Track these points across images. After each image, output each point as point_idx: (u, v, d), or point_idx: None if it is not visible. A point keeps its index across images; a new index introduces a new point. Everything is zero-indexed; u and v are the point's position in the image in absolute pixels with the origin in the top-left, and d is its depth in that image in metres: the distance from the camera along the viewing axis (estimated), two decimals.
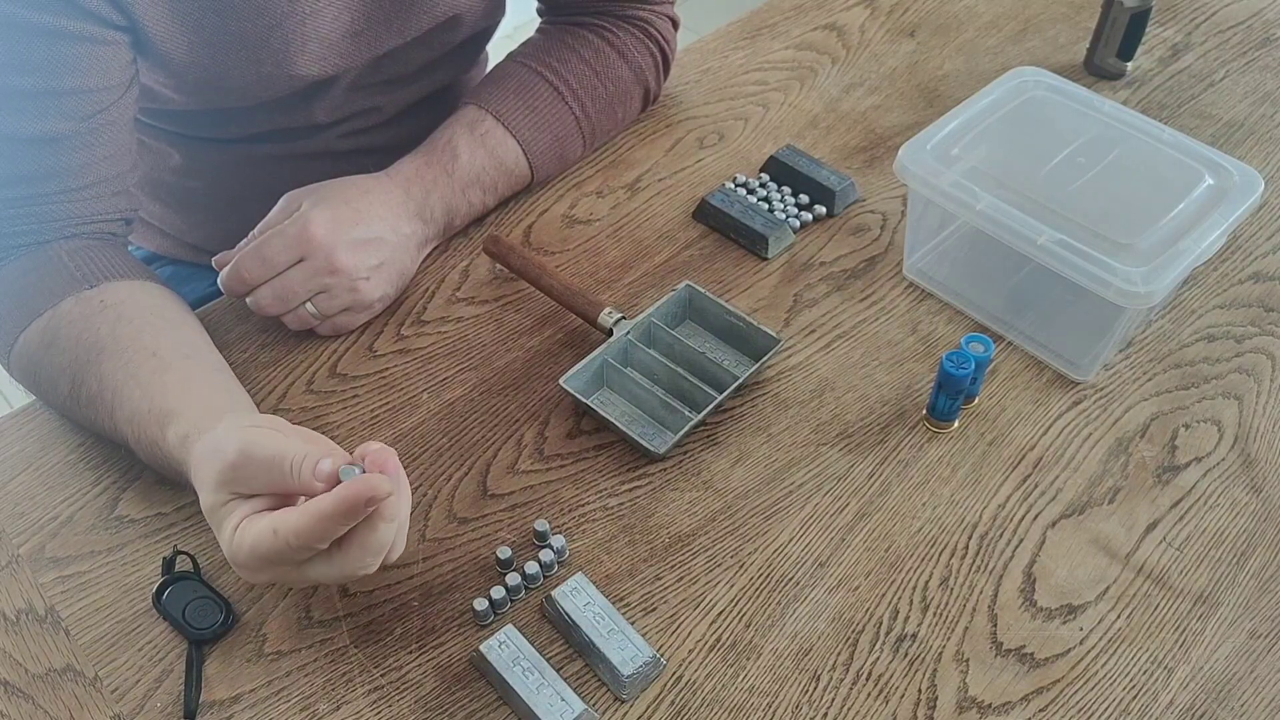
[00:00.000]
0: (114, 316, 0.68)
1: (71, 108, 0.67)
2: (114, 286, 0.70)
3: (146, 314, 0.69)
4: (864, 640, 0.61)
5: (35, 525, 0.67)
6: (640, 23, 0.89)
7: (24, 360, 0.69)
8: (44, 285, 0.69)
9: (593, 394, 0.73)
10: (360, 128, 0.91)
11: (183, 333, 0.70)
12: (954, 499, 0.68)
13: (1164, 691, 0.59)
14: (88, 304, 0.68)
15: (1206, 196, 0.71)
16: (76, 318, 0.68)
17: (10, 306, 0.69)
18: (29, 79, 0.65)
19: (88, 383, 0.66)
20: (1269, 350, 0.76)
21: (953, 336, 0.77)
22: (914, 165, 0.73)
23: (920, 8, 1.07)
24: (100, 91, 0.68)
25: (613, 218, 0.86)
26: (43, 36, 0.64)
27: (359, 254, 0.73)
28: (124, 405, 0.64)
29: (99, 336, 0.67)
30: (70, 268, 0.70)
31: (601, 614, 0.60)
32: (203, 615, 0.61)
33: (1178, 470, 0.69)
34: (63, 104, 0.67)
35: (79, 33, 0.65)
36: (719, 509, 0.67)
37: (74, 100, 0.67)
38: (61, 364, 0.67)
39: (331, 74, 0.81)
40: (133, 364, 0.65)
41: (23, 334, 0.68)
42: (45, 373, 0.68)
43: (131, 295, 0.70)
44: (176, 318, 0.71)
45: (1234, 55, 1.01)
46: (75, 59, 0.66)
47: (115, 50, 0.68)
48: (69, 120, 0.67)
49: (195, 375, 0.67)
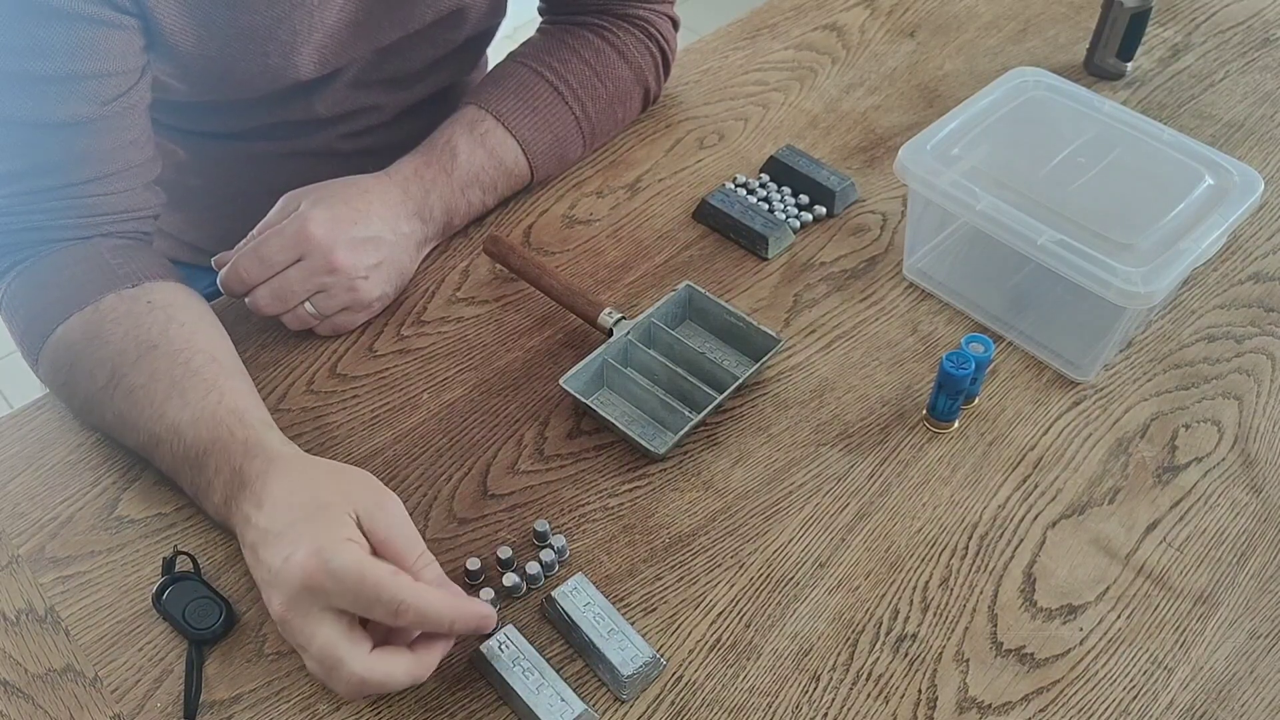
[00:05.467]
0: (164, 317, 0.68)
1: (93, 91, 0.67)
2: (156, 287, 0.70)
3: (195, 318, 0.70)
4: (864, 640, 0.61)
5: (35, 525, 0.67)
6: (640, 22, 0.89)
7: (61, 350, 0.69)
8: (87, 279, 0.69)
9: (593, 394, 0.73)
10: (362, 128, 0.91)
11: (228, 342, 0.71)
12: (954, 499, 0.68)
13: (1164, 692, 0.59)
14: (133, 302, 0.68)
15: (1206, 197, 0.71)
16: (123, 314, 0.68)
17: (52, 297, 0.69)
18: (49, 64, 0.65)
19: (132, 376, 0.65)
20: (1269, 350, 0.76)
21: (953, 336, 0.77)
22: (914, 165, 0.73)
23: (920, 8, 1.07)
24: (119, 75, 0.68)
25: (613, 218, 0.86)
26: (60, 20, 0.64)
27: (357, 253, 0.73)
28: (183, 400, 0.64)
29: (150, 334, 0.67)
30: (113, 265, 0.70)
31: (601, 614, 0.60)
32: (203, 615, 0.61)
33: (1178, 470, 0.69)
34: (84, 88, 0.67)
35: (95, 16, 0.65)
36: (719, 509, 0.67)
37: (95, 84, 0.67)
38: (103, 356, 0.67)
39: (335, 67, 0.81)
40: (193, 363, 0.66)
41: (62, 325, 0.68)
42: (83, 364, 0.68)
43: (176, 298, 0.70)
44: (219, 325, 0.72)
45: (1234, 55, 1.01)
46: (93, 42, 0.66)
47: (129, 35, 0.68)
48: (91, 104, 0.67)
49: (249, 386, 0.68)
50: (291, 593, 0.54)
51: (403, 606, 0.53)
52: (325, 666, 0.54)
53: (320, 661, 0.54)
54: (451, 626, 0.55)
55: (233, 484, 0.60)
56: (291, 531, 0.56)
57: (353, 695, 0.56)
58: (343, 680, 0.54)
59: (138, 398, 0.65)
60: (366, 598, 0.53)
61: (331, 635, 0.54)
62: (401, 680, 0.54)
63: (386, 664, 0.54)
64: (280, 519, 0.57)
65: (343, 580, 0.53)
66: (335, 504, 0.57)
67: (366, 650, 0.54)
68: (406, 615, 0.53)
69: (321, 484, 0.58)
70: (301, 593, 0.54)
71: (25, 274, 0.70)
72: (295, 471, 0.60)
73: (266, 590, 0.56)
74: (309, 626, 0.54)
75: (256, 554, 0.57)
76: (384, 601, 0.53)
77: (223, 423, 0.62)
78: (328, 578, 0.53)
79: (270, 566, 0.55)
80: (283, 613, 0.55)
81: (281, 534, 0.56)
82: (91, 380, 0.67)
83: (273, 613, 0.56)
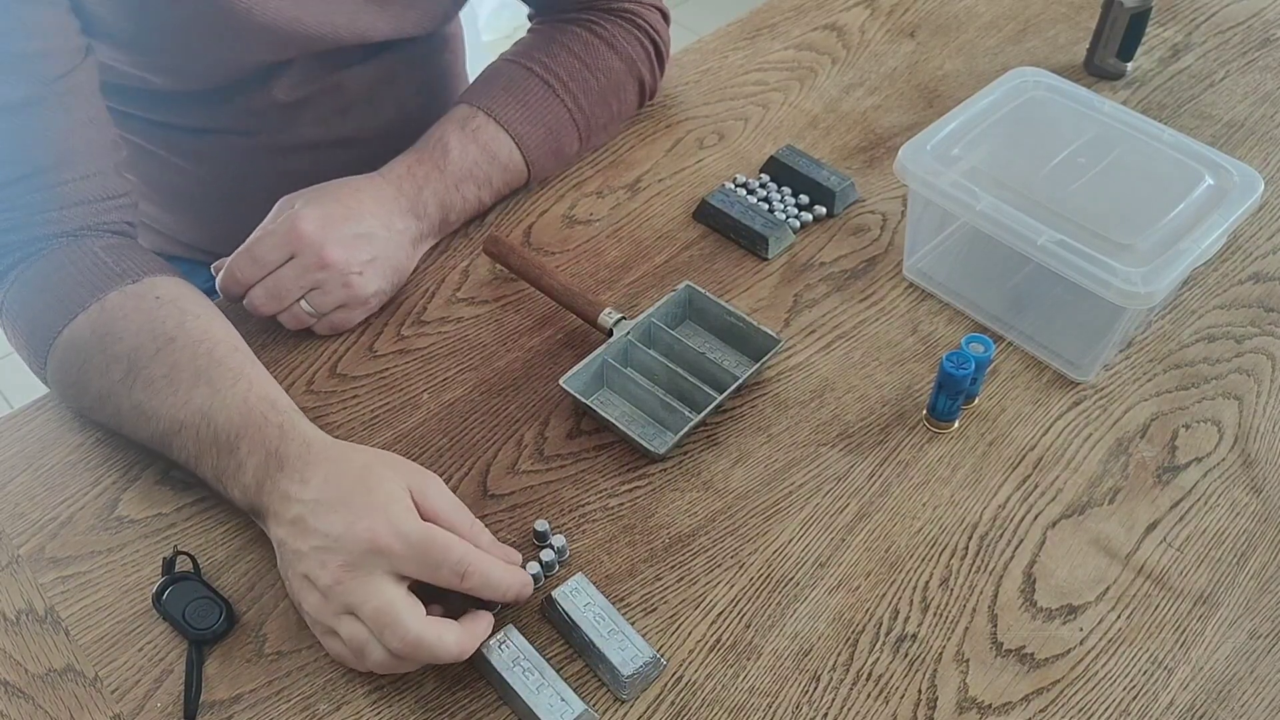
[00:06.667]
0: (177, 310, 0.68)
1: (39, 71, 0.67)
2: (159, 282, 0.70)
3: (206, 310, 0.70)
4: (864, 640, 0.61)
5: (35, 525, 0.67)
6: (627, 15, 0.90)
7: (70, 352, 0.68)
8: (86, 280, 0.69)
9: (593, 394, 0.73)
10: (330, 112, 0.91)
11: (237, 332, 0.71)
12: (954, 499, 0.68)
13: (1164, 692, 0.59)
14: (140, 298, 0.69)
15: (1206, 197, 0.71)
16: (131, 310, 0.68)
17: (52, 301, 0.69)
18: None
19: (152, 368, 0.65)
20: (1269, 350, 0.76)
21: (953, 336, 0.77)
22: (914, 165, 0.73)
23: (920, 8, 1.07)
24: (63, 54, 0.68)
25: (613, 218, 0.86)
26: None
27: (350, 249, 0.73)
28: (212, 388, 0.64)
29: (165, 327, 0.67)
30: (109, 263, 0.70)
31: (602, 614, 0.60)
32: (203, 615, 0.61)
33: (1178, 470, 0.69)
34: (30, 67, 0.67)
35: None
36: (719, 509, 0.67)
37: (40, 63, 0.67)
38: (118, 351, 0.67)
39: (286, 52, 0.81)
40: (216, 353, 0.66)
41: (68, 327, 0.68)
42: (96, 361, 0.67)
43: (181, 291, 0.71)
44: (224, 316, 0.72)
45: (1234, 55, 1.01)
46: (32, 20, 0.66)
47: (61, 15, 0.68)
48: (39, 84, 0.67)
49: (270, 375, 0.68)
50: (356, 555, 0.55)
51: (471, 569, 0.56)
52: (378, 626, 0.55)
53: (374, 621, 0.55)
54: (508, 593, 0.58)
55: (268, 465, 0.61)
56: (352, 500, 0.57)
57: (395, 661, 0.56)
58: (397, 639, 0.55)
59: (159, 388, 0.65)
60: (435, 560, 0.56)
61: (393, 596, 0.55)
62: (450, 647, 0.56)
63: (439, 628, 0.56)
64: (333, 491, 0.58)
65: (413, 543, 0.55)
66: (388, 478, 0.59)
67: (423, 613, 0.56)
68: (472, 579, 0.56)
69: (369, 461, 0.60)
70: (368, 555, 0.55)
71: (20, 280, 0.70)
72: (336, 451, 0.61)
73: (320, 556, 0.57)
74: (369, 587, 0.55)
75: (304, 524, 0.58)
76: (451, 563, 0.56)
77: (255, 409, 0.63)
78: (397, 539, 0.55)
79: (328, 533, 0.57)
80: (341, 575, 0.56)
81: (338, 503, 0.57)
82: (106, 376, 0.67)
83: (324, 579, 0.56)
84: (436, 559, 0.56)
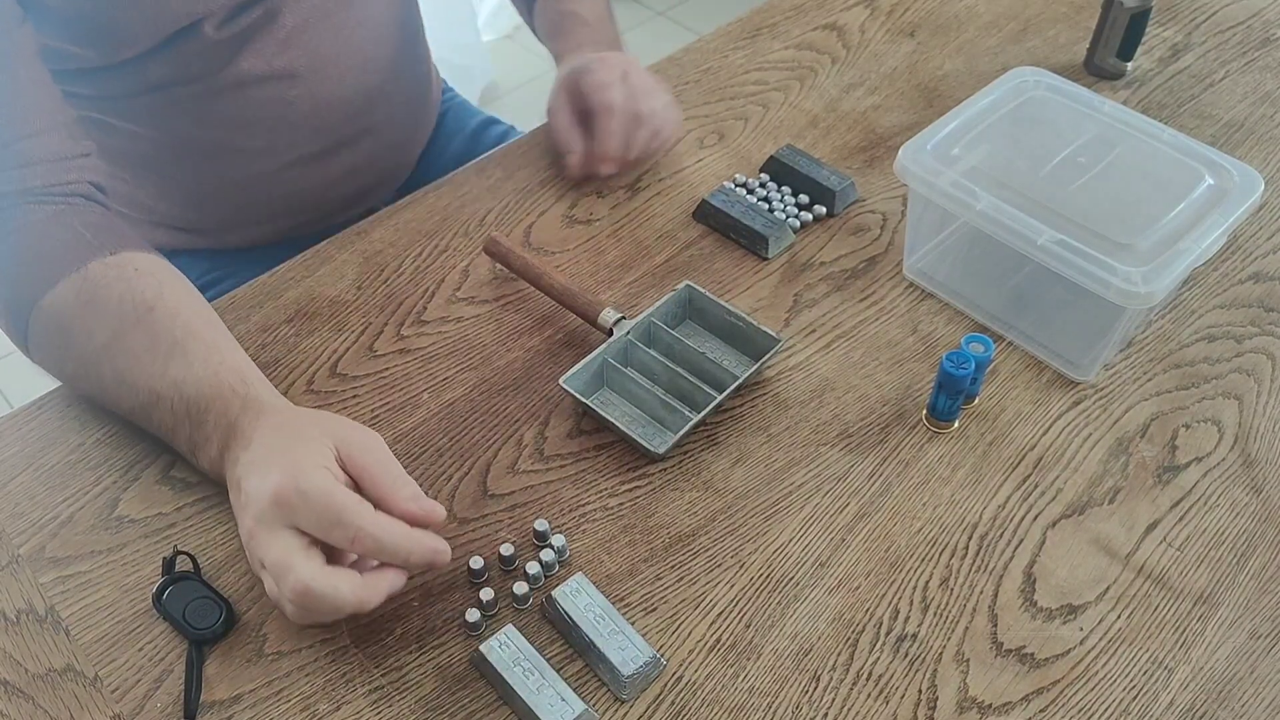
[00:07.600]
0: (156, 282, 0.69)
1: None
2: (136, 256, 0.71)
3: (181, 285, 0.71)
4: (864, 640, 0.61)
5: (35, 525, 0.67)
6: None
7: (52, 316, 0.69)
8: (66, 250, 0.70)
9: (593, 394, 0.73)
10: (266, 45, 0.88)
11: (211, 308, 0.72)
12: (954, 499, 0.68)
13: (1164, 692, 0.59)
14: (120, 269, 0.70)
15: (1206, 197, 0.71)
16: (113, 279, 0.69)
17: (33, 266, 0.70)
18: None
19: (133, 336, 0.67)
20: (1269, 350, 0.76)
21: (953, 336, 0.77)
22: (914, 165, 0.73)
23: (920, 8, 1.07)
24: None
25: (613, 218, 0.86)
26: None
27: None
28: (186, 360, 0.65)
29: (145, 297, 0.68)
30: (87, 237, 0.71)
31: (602, 614, 0.60)
32: (203, 615, 0.61)
33: (1178, 470, 0.69)
34: None
35: None
36: (719, 509, 0.67)
37: None
38: (102, 316, 0.68)
39: None
40: (192, 325, 0.67)
41: (50, 292, 0.69)
42: (80, 325, 0.68)
43: (158, 266, 0.72)
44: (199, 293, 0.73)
45: (1234, 55, 1.01)
46: None
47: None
48: None
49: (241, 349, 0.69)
50: (261, 509, 0.57)
51: (360, 532, 0.56)
52: (276, 575, 0.56)
53: (273, 570, 0.56)
54: (408, 558, 0.57)
55: (228, 435, 0.63)
56: (272, 457, 0.59)
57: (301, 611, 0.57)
58: (289, 587, 0.55)
59: (139, 356, 0.67)
60: (329, 520, 0.56)
61: (289, 545, 0.56)
62: (346, 597, 0.56)
63: (333, 577, 0.56)
64: (264, 451, 0.60)
65: (310, 499, 0.56)
66: (315, 436, 0.60)
67: (320, 564, 0.56)
68: (364, 542, 0.56)
69: (304, 420, 0.62)
70: (270, 508, 0.57)
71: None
72: (281, 415, 0.63)
73: (241, 515, 0.59)
74: (271, 538, 0.57)
75: (239, 485, 0.60)
76: (343, 524, 0.56)
77: (224, 381, 0.65)
78: (295, 494, 0.56)
79: (249, 491, 0.58)
80: (252, 527, 0.58)
81: (263, 462, 0.59)
82: (89, 340, 0.68)
83: (243, 534, 0.59)
84: (331, 519, 0.56)
